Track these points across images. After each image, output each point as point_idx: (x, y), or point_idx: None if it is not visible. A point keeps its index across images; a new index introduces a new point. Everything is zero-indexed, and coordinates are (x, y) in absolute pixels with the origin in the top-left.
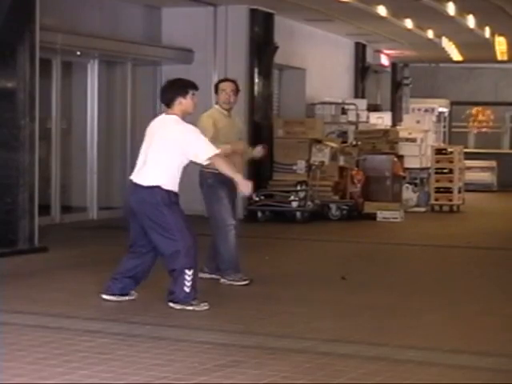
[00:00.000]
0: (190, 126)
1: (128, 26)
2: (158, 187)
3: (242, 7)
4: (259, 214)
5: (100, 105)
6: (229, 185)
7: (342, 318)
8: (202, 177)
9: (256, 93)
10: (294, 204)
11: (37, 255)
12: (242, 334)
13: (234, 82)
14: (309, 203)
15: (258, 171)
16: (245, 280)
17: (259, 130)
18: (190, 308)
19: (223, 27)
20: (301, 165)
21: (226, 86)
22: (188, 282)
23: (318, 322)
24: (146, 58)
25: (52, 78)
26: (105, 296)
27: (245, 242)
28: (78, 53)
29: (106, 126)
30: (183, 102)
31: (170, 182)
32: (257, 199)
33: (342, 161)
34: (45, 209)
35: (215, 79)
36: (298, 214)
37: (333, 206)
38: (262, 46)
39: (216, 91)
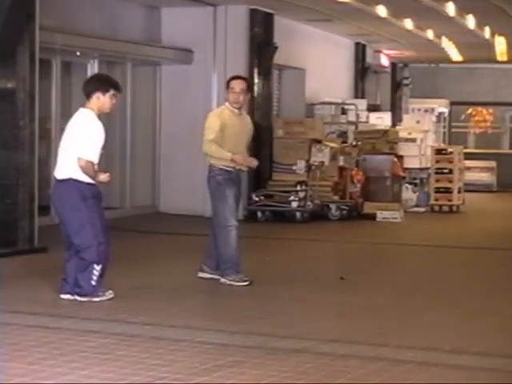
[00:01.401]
0: (92, 125)
1: (128, 26)
2: (71, 179)
3: (242, 7)
4: (259, 214)
5: None
6: (236, 182)
7: (342, 318)
8: (211, 172)
9: (256, 93)
10: (294, 204)
11: (36, 255)
12: (243, 334)
13: (245, 79)
14: (308, 203)
15: (258, 171)
16: (245, 281)
17: (259, 130)
18: (97, 299)
19: (223, 27)
20: (300, 165)
21: (236, 85)
22: (95, 276)
23: (318, 323)
24: (146, 58)
25: (52, 78)
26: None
27: (244, 242)
28: (78, 53)
29: (105, 126)
30: (101, 99)
31: (81, 173)
32: (257, 199)
33: (341, 161)
34: (44, 209)
35: (215, 79)
36: (298, 214)
37: (332, 206)
38: (261, 46)
39: (227, 88)
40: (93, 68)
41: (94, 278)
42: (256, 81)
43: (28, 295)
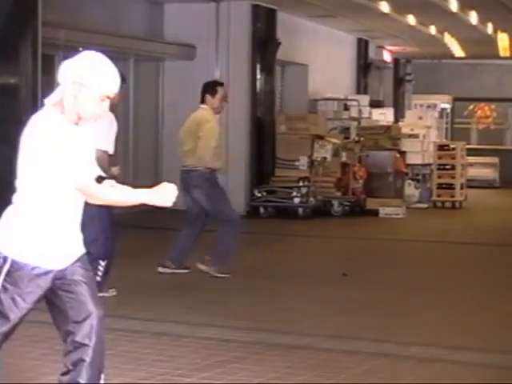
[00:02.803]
0: (105, 116)
1: (130, 21)
2: None
3: (245, 3)
4: (261, 210)
5: None
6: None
7: (344, 314)
8: (199, 176)
9: (258, 89)
10: (297, 200)
11: None
12: (245, 330)
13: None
14: (311, 199)
15: (261, 167)
16: (228, 273)
17: (261, 126)
18: (100, 295)
19: (225, 23)
20: (303, 161)
21: (225, 92)
22: (100, 271)
23: (320, 318)
24: (149, 54)
25: (55, 73)
26: None
27: (247, 238)
28: (81, 48)
29: None
30: None
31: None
32: (259, 195)
33: (344, 157)
34: None
35: (218, 75)
36: (300, 210)
37: (335, 202)
38: (264, 42)
39: (213, 93)
40: None
41: (99, 273)
42: (258, 76)
43: None
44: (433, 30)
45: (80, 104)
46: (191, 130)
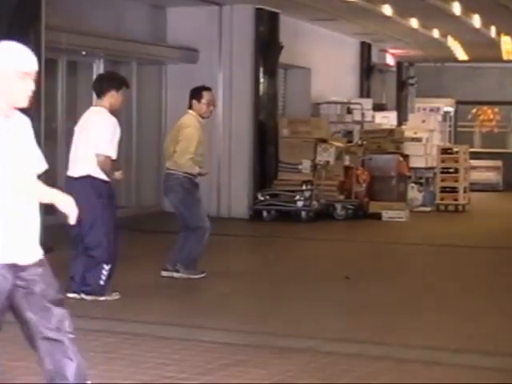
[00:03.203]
0: (107, 121)
1: (133, 25)
2: (88, 176)
3: (248, 6)
4: (264, 214)
5: None
6: (198, 188)
7: (347, 317)
8: (175, 180)
9: (261, 92)
10: (300, 203)
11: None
12: (247, 333)
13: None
14: (314, 203)
15: (264, 170)
16: (202, 272)
17: (264, 130)
18: (103, 298)
19: (228, 27)
20: (306, 164)
21: (212, 96)
22: (104, 275)
23: (323, 321)
24: (151, 58)
25: (57, 77)
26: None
27: (250, 241)
28: (84, 52)
29: None
30: (115, 96)
31: (99, 171)
32: (262, 199)
33: (347, 160)
34: (50, 208)
35: (220, 79)
36: (304, 213)
37: (338, 206)
38: (267, 46)
39: (198, 98)
40: (98, 67)
41: (103, 277)
42: (261, 80)
43: None
44: (436, 33)
45: (3, 91)
46: (173, 133)
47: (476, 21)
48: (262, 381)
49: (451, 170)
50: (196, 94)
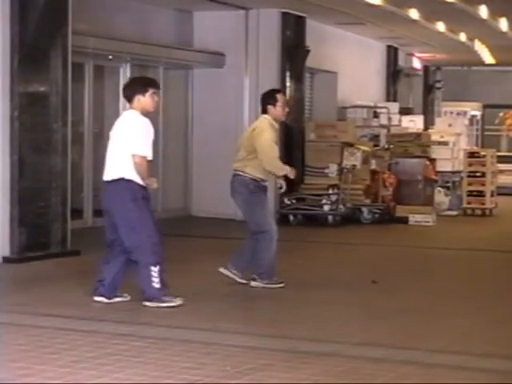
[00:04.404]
0: (141, 122)
1: (159, 30)
2: (122, 179)
3: (274, 11)
4: (291, 218)
5: None
6: (266, 192)
7: (373, 321)
8: (240, 182)
9: (287, 96)
10: (326, 207)
11: (69, 259)
12: (273, 337)
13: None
14: (340, 207)
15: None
16: (280, 282)
17: (291, 134)
18: (164, 305)
19: (255, 31)
20: (332, 168)
21: (285, 98)
22: (155, 278)
23: (350, 326)
24: (178, 62)
25: (84, 81)
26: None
27: (277, 245)
28: (110, 57)
29: None
30: (141, 100)
31: (133, 174)
32: (289, 203)
33: (373, 164)
34: (77, 212)
35: (247, 83)
36: (330, 217)
37: (365, 210)
38: (293, 50)
39: (273, 102)
40: (125, 72)
41: (155, 280)
42: (288, 84)
43: (60, 298)
44: (463, 36)
45: None
46: (246, 136)
47: (503, 24)
48: None
49: (478, 174)
50: (270, 98)
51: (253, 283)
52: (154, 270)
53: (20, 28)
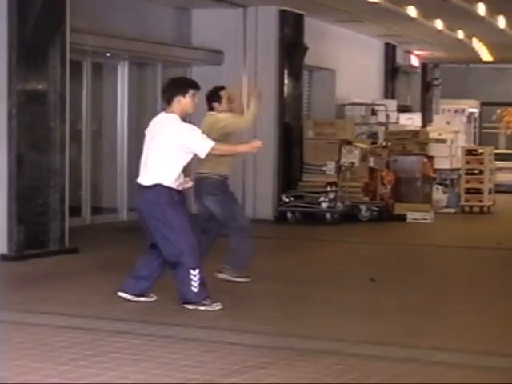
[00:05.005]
0: (186, 124)
1: (158, 27)
2: (160, 185)
3: (272, 8)
4: (289, 215)
5: (130, 106)
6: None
7: (372, 319)
8: (212, 184)
9: (286, 94)
10: (324, 205)
11: (67, 256)
12: (272, 335)
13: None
14: (339, 204)
15: (288, 172)
16: (247, 277)
17: (289, 131)
18: (203, 308)
19: (253, 28)
20: (331, 166)
21: (228, 94)
22: (195, 281)
23: (348, 324)
24: (176, 60)
25: (83, 79)
26: (122, 294)
27: (275, 243)
28: (108, 54)
29: (136, 127)
30: (182, 101)
31: (171, 179)
32: (287, 200)
33: (371, 162)
34: (75, 210)
35: (245, 80)
36: (328, 215)
37: (363, 207)
38: (291, 47)
39: (218, 99)
40: (123, 69)
41: (194, 284)
42: (286, 82)
43: (59, 296)
44: (460, 34)
45: None
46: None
47: (501, 22)
48: (286, 383)
49: (476, 172)
50: (214, 96)
51: (220, 275)
52: (193, 274)
53: (18, 26)
